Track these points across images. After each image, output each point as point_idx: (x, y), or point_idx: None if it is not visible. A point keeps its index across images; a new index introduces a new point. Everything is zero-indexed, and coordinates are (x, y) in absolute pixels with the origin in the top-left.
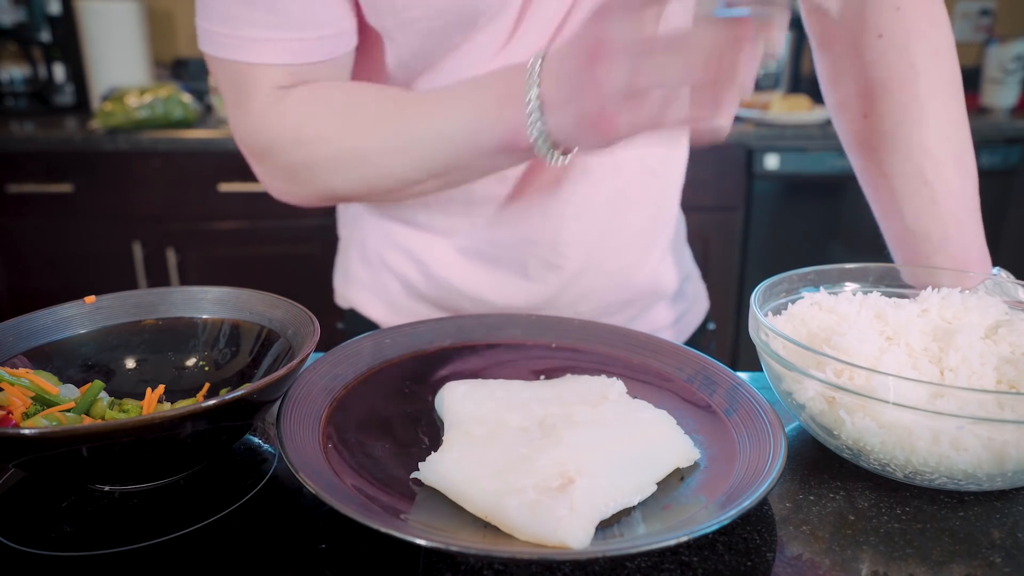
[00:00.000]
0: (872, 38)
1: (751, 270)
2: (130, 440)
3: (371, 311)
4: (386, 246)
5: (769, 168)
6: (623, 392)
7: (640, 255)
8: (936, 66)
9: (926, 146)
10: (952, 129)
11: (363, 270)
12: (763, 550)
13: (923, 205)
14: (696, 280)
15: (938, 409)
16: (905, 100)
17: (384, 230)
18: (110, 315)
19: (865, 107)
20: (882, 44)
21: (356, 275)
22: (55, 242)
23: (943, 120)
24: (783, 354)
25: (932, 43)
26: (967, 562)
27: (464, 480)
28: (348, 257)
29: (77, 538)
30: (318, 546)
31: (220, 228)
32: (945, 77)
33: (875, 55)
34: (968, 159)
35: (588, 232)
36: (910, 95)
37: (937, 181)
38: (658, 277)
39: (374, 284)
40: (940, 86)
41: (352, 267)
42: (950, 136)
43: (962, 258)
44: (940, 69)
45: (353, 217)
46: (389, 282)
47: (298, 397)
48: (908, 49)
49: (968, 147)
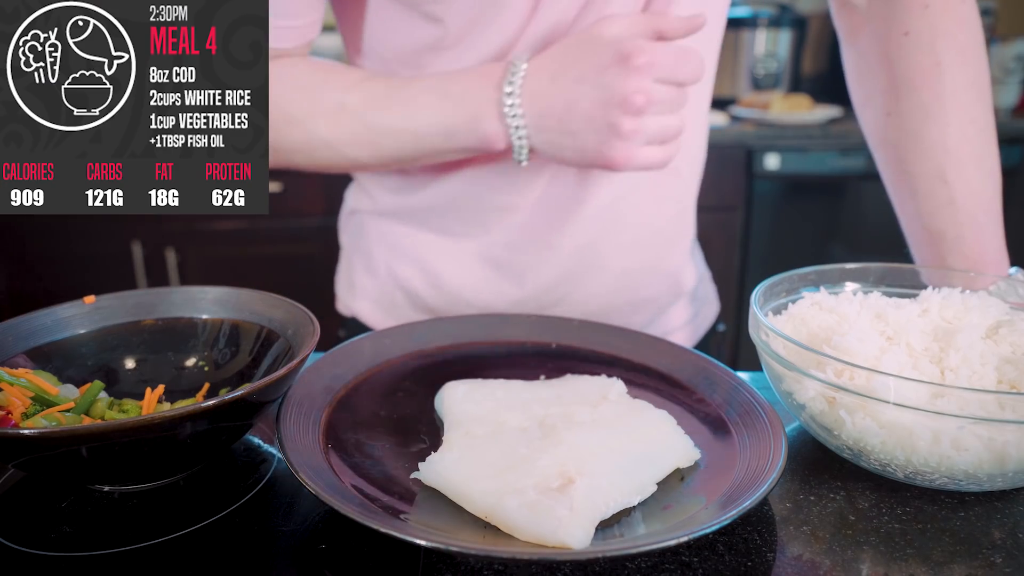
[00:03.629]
0: (898, 35)
1: (751, 270)
2: (130, 440)
3: (374, 321)
4: (394, 256)
5: (769, 168)
6: (623, 392)
7: (662, 254)
8: (962, 65)
9: (947, 145)
10: (975, 130)
11: (368, 281)
12: (763, 550)
13: (940, 204)
14: (708, 281)
15: (939, 409)
16: (928, 99)
17: (393, 238)
18: (110, 315)
19: (889, 104)
20: (908, 42)
21: (361, 285)
22: (55, 242)
23: (966, 120)
24: (783, 354)
25: (959, 42)
26: (968, 562)
27: (464, 480)
28: (352, 266)
29: (77, 538)
30: (318, 546)
31: (220, 228)
32: (970, 77)
33: (901, 52)
34: (991, 160)
35: (609, 232)
36: (934, 94)
37: (957, 181)
38: (679, 276)
39: (379, 295)
40: (964, 86)
41: (356, 277)
42: (972, 137)
43: (977, 258)
44: (965, 69)
45: (357, 226)
46: (394, 293)
47: (298, 397)
48: (934, 47)
49: (992, 148)
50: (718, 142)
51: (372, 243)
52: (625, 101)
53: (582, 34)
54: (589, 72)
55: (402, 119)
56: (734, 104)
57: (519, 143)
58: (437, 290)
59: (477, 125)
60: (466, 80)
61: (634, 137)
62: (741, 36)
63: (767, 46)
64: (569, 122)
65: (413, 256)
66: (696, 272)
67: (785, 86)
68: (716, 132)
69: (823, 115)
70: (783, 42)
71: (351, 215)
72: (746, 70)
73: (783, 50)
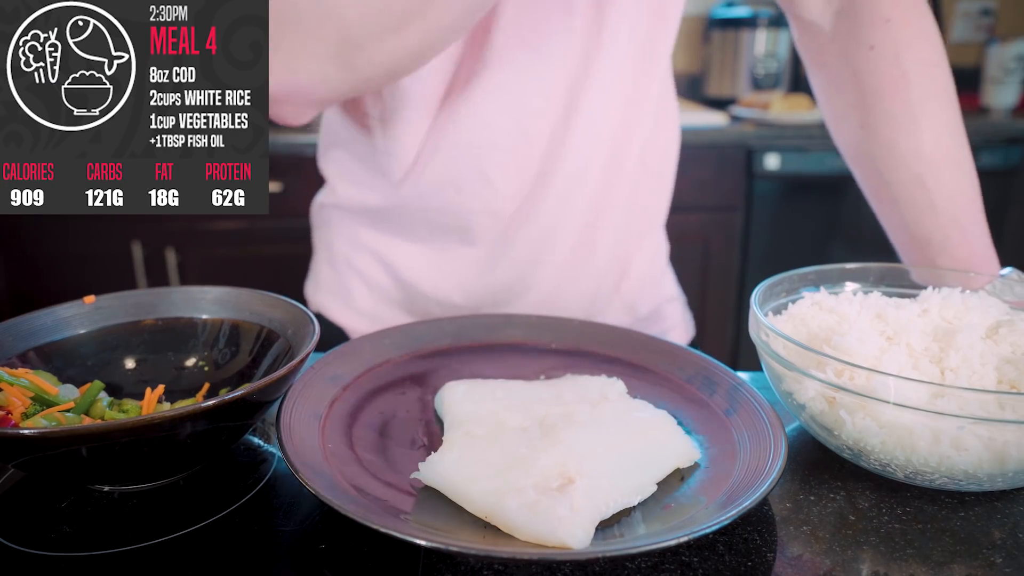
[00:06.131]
0: (864, 51)
1: (751, 270)
2: (130, 440)
3: (336, 315)
4: (352, 248)
5: (769, 168)
6: (623, 392)
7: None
8: (928, 74)
9: (922, 152)
10: (948, 134)
11: (329, 273)
12: (763, 550)
13: (923, 210)
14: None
15: (939, 409)
16: (898, 108)
17: (353, 232)
18: (109, 315)
19: (861, 117)
20: (874, 55)
21: (323, 279)
22: (55, 242)
23: (938, 125)
24: (783, 354)
25: (922, 52)
26: (968, 562)
27: (464, 480)
28: (318, 260)
29: (77, 538)
30: (318, 546)
31: (220, 228)
32: (938, 84)
33: (868, 66)
34: (966, 162)
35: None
36: (904, 102)
37: (936, 186)
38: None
39: (339, 288)
40: (933, 92)
41: (321, 270)
42: (946, 141)
43: (966, 260)
44: (932, 76)
45: (324, 220)
46: (355, 285)
47: (298, 397)
48: (899, 58)
49: (965, 150)
50: (718, 142)
51: (333, 235)
52: None
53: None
54: None
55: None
56: (734, 104)
57: None
58: (396, 281)
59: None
60: None
61: None
62: (741, 36)
63: (767, 46)
64: None
65: (372, 249)
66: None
67: (785, 86)
68: (716, 132)
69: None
70: (783, 42)
71: (320, 209)
72: (746, 70)
73: (783, 50)
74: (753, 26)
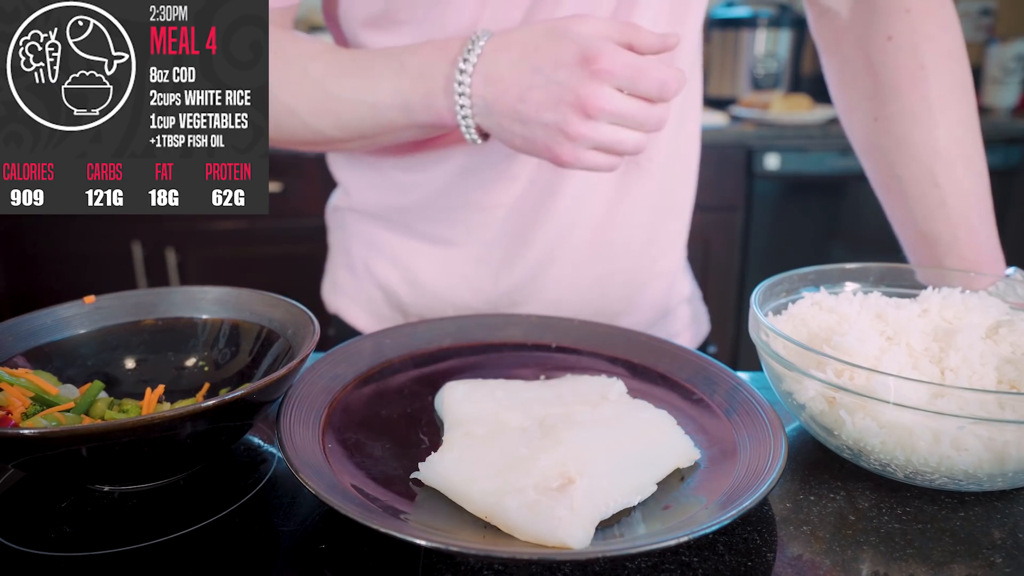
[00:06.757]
0: (881, 41)
1: (751, 270)
2: (130, 440)
3: (354, 320)
4: (371, 253)
5: (769, 168)
6: (623, 392)
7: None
8: (947, 68)
9: (937, 148)
10: (963, 131)
11: (347, 277)
12: (763, 550)
13: (933, 207)
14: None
15: (939, 409)
16: (915, 102)
17: (370, 236)
18: (110, 315)
19: (875, 110)
20: (892, 46)
21: (341, 282)
22: (55, 242)
23: (953, 122)
24: (783, 354)
25: (942, 45)
26: (968, 562)
27: (464, 480)
28: (335, 263)
29: (77, 538)
30: (318, 546)
31: (220, 228)
32: (956, 79)
33: (884, 57)
34: (979, 161)
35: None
36: (920, 97)
37: (948, 183)
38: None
39: (356, 292)
40: (950, 88)
41: (338, 274)
42: (960, 138)
43: (973, 260)
44: (951, 71)
45: (340, 224)
46: (371, 291)
47: (298, 397)
48: (918, 51)
49: (979, 149)
50: (718, 142)
51: (351, 240)
52: (579, 103)
53: (552, 23)
54: (547, 64)
55: (360, 89)
56: (734, 104)
57: (464, 122)
58: (413, 287)
59: (431, 101)
60: (424, 53)
61: (581, 140)
62: (741, 36)
63: (767, 46)
64: (521, 111)
65: (389, 254)
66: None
67: (785, 86)
68: (716, 132)
69: (823, 115)
70: (783, 42)
71: (334, 212)
72: (746, 70)
73: (783, 50)
74: (753, 26)
